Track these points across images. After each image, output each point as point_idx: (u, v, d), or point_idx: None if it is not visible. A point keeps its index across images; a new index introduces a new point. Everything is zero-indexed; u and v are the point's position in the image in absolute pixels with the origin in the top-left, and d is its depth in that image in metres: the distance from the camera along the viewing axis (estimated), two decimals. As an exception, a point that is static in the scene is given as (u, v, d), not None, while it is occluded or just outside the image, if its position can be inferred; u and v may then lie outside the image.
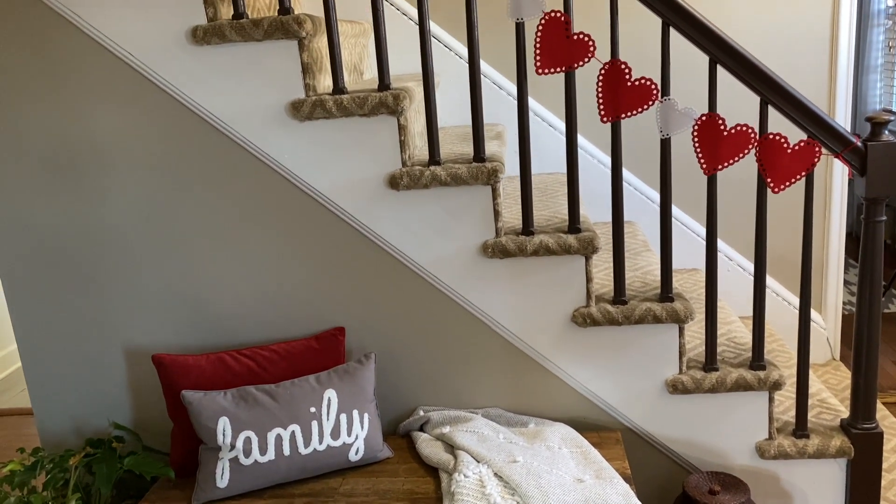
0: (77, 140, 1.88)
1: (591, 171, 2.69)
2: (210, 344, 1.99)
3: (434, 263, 1.90)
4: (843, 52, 2.61)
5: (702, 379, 1.91)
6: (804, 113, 1.73)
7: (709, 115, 1.74)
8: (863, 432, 1.90)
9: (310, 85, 1.80)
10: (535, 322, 1.92)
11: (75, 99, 1.85)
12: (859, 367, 1.87)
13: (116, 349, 2.01)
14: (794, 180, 1.75)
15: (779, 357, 2.45)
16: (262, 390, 1.78)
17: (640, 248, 2.42)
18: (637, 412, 1.97)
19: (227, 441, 1.72)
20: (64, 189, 1.91)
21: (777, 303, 2.78)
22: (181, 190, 1.90)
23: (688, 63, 2.44)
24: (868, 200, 1.77)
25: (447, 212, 1.87)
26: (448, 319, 1.94)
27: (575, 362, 1.94)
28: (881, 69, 4.44)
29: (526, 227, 1.88)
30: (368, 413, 1.83)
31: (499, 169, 1.82)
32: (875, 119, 1.72)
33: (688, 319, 1.87)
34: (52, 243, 1.95)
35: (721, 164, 1.76)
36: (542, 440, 1.82)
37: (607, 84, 1.72)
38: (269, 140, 1.84)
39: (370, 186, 1.86)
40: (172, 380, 1.85)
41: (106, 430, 2.06)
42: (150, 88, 1.83)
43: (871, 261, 1.81)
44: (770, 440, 1.95)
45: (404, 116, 1.82)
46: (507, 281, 1.90)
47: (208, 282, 1.95)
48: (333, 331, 1.93)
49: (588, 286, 1.89)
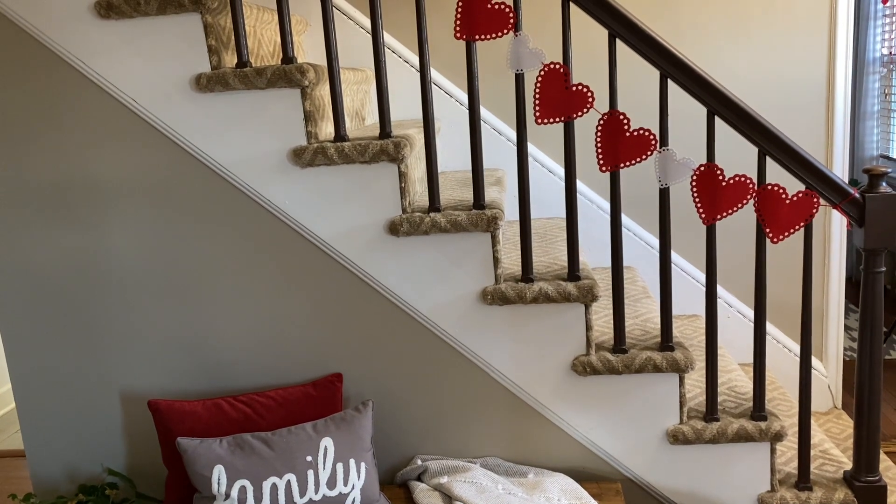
0: (77, 183, 1.89)
1: (590, 216, 2.70)
2: (207, 389, 1.98)
3: (433, 310, 1.90)
4: (840, 99, 2.64)
5: (703, 429, 1.89)
6: (802, 164, 1.74)
7: (707, 165, 1.76)
8: (866, 485, 1.87)
9: (312, 132, 1.82)
10: (535, 370, 1.91)
11: (76, 142, 1.86)
12: (861, 419, 1.85)
13: (112, 393, 1.99)
14: (793, 230, 1.76)
15: (780, 406, 2.43)
16: (259, 438, 1.76)
17: (640, 295, 2.42)
18: (637, 462, 1.94)
19: (222, 490, 1.69)
20: (63, 232, 1.92)
21: (778, 350, 2.77)
22: (181, 234, 1.90)
23: (686, 113, 2.47)
24: (867, 251, 1.78)
25: (447, 258, 1.87)
26: (447, 367, 1.93)
27: (575, 411, 1.92)
28: (877, 115, 4.49)
29: (525, 275, 1.88)
30: (365, 462, 1.80)
31: (498, 216, 1.83)
32: (872, 171, 1.73)
33: (688, 369, 1.86)
34: (49, 285, 1.95)
35: (720, 213, 1.76)
36: (541, 491, 1.80)
37: (606, 134, 1.74)
38: (271, 186, 1.85)
39: (370, 232, 1.87)
40: (168, 426, 1.83)
41: (100, 475, 2.03)
42: (151, 133, 1.85)
43: (872, 310, 1.80)
44: (772, 492, 1.92)
45: (405, 164, 1.83)
46: (506, 328, 1.89)
47: (206, 326, 1.94)
48: (331, 377, 1.92)
49: (588, 334, 1.88)
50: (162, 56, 1.80)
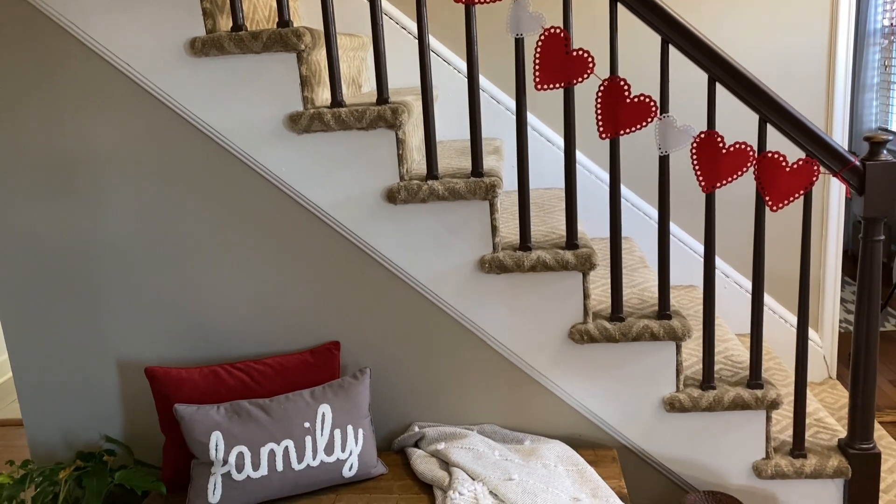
0: (72, 150, 1.86)
1: (588, 186, 2.68)
2: (204, 357, 1.97)
3: (431, 278, 1.89)
4: (841, 71, 2.62)
5: (699, 397, 1.90)
6: (803, 131, 1.73)
7: (707, 132, 1.74)
8: (860, 452, 1.89)
9: (308, 98, 1.80)
10: (532, 338, 1.91)
11: (71, 109, 1.84)
12: (857, 387, 1.86)
13: (109, 361, 1.99)
14: (793, 199, 1.75)
15: (776, 375, 2.44)
16: (256, 405, 1.76)
17: (637, 265, 2.41)
18: (634, 430, 1.95)
19: (219, 456, 1.70)
20: (58, 200, 1.90)
21: (774, 320, 2.78)
22: (177, 201, 1.89)
23: (686, 81, 2.45)
24: (866, 220, 1.77)
25: (444, 226, 1.86)
26: (444, 335, 1.93)
27: (571, 379, 1.93)
28: (877, 88, 4.46)
29: (523, 243, 1.87)
30: (363, 429, 1.81)
31: (497, 184, 1.82)
32: (873, 139, 1.72)
33: (685, 337, 1.86)
34: (45, 254, 1.93)
35: (719, 181, 1.76)
36: (537, 458, 1.81)
37: (606, 100, 1.72)
38: (267, 153, 1.83)
39: (367, 200, 1.85)
40: (165, 393, 1.83)
41: (97, 443, 2.04)
42: (147, 99, 1.83)
43: (870, 280, 1.80)
44: (767, 460, 1.93)
45: (402, 130, 1.81)
46: (503, 297, 1.89)
47: (203, 294, 1.94)
48: (328, 345, 1.92)
49: (585, 303, 1.88)
50: (157, 20, 1.77)
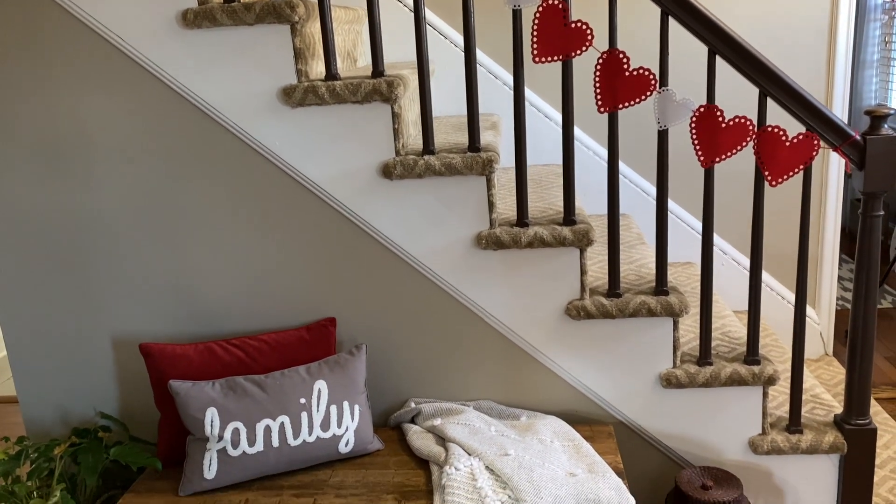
0: (64, 124, 1.84)
1: (586, 162, 2.66)
2: (199, 333, 1.96)
3: (427, 254, 1.88)
4: (842, 47, 2.59)
5: (696, 373, 1.89)
6: (803, 105, 1.71)
7: (707, 106, 1.72)
8: (856, 428, 1.89)
9: (302, 71, 1.77)
10: (529, 314, 1.90)
11: (62, 83, 1.81)
12: (854, 363, 1.86)
13: (104, 338, 1.98)
14: (792, 174, 1.73)
15: (772, 352, 2.44)
16: (252, 381, 1.75)
17: (635, 241, 2.40)
18: (630, 406, 1.95)
19: (215, 432, 1.69)
20: (50, 175, 1.87)
21: (771, 297, 2.77)
22: (170, 177, 1.86)
23: (686, 54, 2.42)
24: (866, 195, 1.76)
25: (441, 202, 1.84)
26: (440, 311, 1.92)
27: (568, 355, 1.92)
28: (877, 64, 4.43)
29: (520, 219, 1.86)
30: (359, 405, 1.80)
31: (494, 159, 1.80)
32: (875, 112, 1.70)
33: (682, 313, 1.85)
34: (38, 230, 1.91)
35: (719, 156, 1.74)
36: (533, 433, 1.80)
37: (605, 74, 1.70)
38: (261, 127, 1.81)
39: (363, 175, 1.83)
40: (160, 369, 1.82)
41: (92, 419, 2.03)
42: (139, 73, 1.80)
43: (868, 255, 1.79)
44: (763, 435, 1.93)
45: (398, 104, 1.79)
46: (500, 273, 1.88)
47: (197, 270, 1.92)
48: (324, 321, 1.91)
49: (582, 279, 1.87)
50: (147, -9, 1.74)
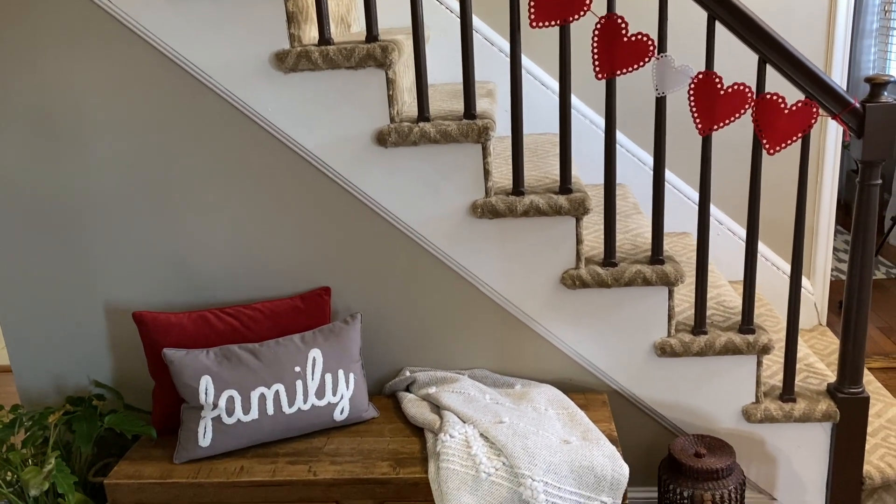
0: (56, 92, 1.81)
1: (583, 132, 2.64)
2: (193, 302, 1.95)
3: (422, 223, 1.87)
4: (842, 15, 2.56)
5: (690, 342, 1.89)
6: (803, 72, 1.69)
7: (706, 73, 1.70)
8: (849, 396, 1.90)
9: (295, 35, 1.74)
10: (524, 284, 1.89)
11: (54, 50, 1.77)
12: (848, 330, 1.86)
13: (97, 307, 1.97)
14: (790, 142, 1.72)
15: (767, 321, 2.45)
16: (246, 349, 1.75)
17: (631, 211, 2.39)
18: (624, 375, 1.95)
19: (209, 400, 1.69)
20: (43, 144, 1.85)
21: (766, 268, 2.77)
22: (162, 144, 1.84)
23: (685, 20, 2.38)
24: (864, 163, 1.74)
25: (436, 170, 1.82)
26: (435, 280, 1.91)
27: (563, 324, 1.92)
28: (876, 34, 4.39)
29: (516, 187, 1.84)
30: (354, 373, 1.80)
31: (490, 126, 1.77)
32: (875, 80, 1.68)
33: (678, 282, 1.85)
34: (31, 199, 1.89)
35: (717, 123, 1.72)
36: (528, 401, 1.81)
37: (603, 39, 1.67)
38: (254, 93, 1.78)
39: (357, 143, 1.81)
40: (154, 338, 1.81)
41: (86, 388, 2.03)
42: (130, 38, 1.76)
43: (865, 223, 1.78)
44: (757, 404, 1.94)
45: (393, 70, 1.76)
46: (495, 242, 1.87)
47: (191, 239, 1.90)
48: (319, 290, 1.90)
49: (578, 248, 1.86)
50: (135, -48, 1.70)
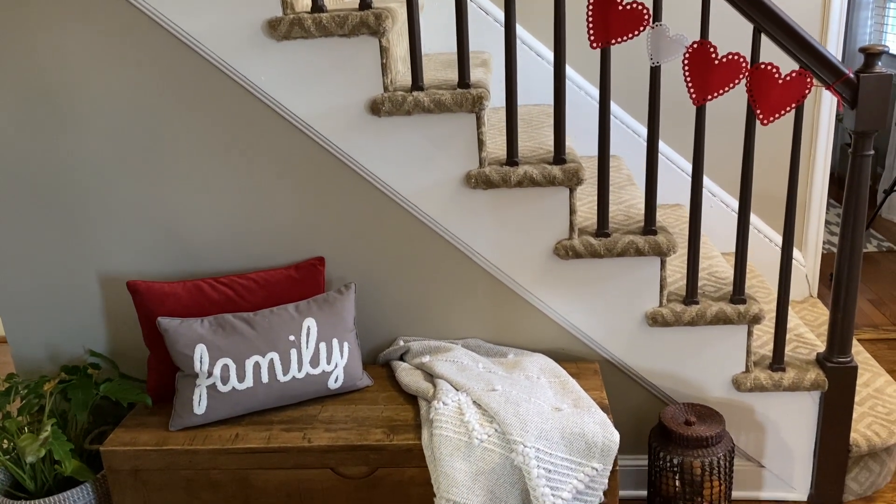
0: (46, 64, 1.79)
1: (577, 102, 2.63)
2: (187, 272, 1.96)
3: (416, 193, 1.87)
4: (838, -16, 2.54)
5: (682, 312, 1.91)
6: (797, 42, 1.69)
7: (700, 42, 1.69)
8: (837, 366, 1.92)
9: (287, 2, 1.72)
10: (517, 254, 1.90)
11: (46, 20, 1.75)
12: (839, 299, 1.88)
13: (91, 276, 1.97)
14: (784, 112, 1.72)
15: (758, 293, 2.47)
16: (241, 318, 1.75)
17: (625, 182, 2.39)
18: (616, 344, 1.97)
19: (204, 368, 1.70)
20: (36, 115, 1.83)
21: (758, 239, 2.78)
22: (155, 114, 1.83)
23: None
24: (857, 134, 1.75)
25: (430, 140, 1.82)
26: (429, 250, 1.92)
27: (555, 294, 1.93)
28: (872, 6, 4.36)
29: (510, 158, 1.84)
30: (348, 342, 1.82)
31: (484, 96, 1.77)
32: (869, 50, 1.68)
33: (670, 252, 1.86)
34: (24, 170, 1.88)
35: (711, 93, 1.72)
36: (520, 370, 1.83)
37: (598, 7, 1.66)
38: (246, 61, 1.77)
39: (350, 112, 1.80)
40: (148, 307, 1.82)
41: (82, 357, 2.04)
42: (122, 6, 1.74)
43: (857, 194, 1.79)
44: (747, 373, 1.97)
45: (386, 38, 1.75)
46: (489, 212, 1.87)
47: (184, 208, 1.90)
48: (313, 260, 1.90)
49: (571, 218, 1.87)
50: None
